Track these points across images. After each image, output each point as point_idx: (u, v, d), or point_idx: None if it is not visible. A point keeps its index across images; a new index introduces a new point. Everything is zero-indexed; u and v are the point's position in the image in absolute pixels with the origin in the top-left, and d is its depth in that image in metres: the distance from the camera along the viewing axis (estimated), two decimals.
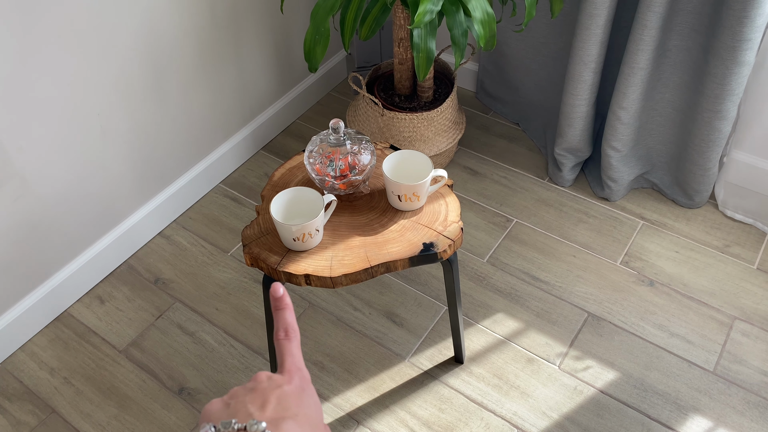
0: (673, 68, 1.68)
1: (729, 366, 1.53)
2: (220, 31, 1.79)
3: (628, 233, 1.83)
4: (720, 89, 1.60)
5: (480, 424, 1.45)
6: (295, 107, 2.20)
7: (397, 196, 1.23)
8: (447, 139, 1.90)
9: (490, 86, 2.21)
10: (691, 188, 1.83)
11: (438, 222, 1.24)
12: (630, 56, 1.63)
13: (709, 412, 1.46)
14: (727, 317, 1.63)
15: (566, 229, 1.85)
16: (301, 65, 2.16)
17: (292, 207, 1.21)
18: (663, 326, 1.61)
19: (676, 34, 1.62)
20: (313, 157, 1.22)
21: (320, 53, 1.58)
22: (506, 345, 1.59)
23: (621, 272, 1.74)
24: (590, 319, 1.64)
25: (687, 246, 1.79)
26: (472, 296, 1.70)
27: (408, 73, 1.86)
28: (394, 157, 1.28)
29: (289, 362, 0.50)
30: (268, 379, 0.48)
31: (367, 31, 1.61)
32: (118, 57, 1.54)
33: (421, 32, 1.52)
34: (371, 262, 1.17)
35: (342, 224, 1.25)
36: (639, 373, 1.53)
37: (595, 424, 1.44)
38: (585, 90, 1.75)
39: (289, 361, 0.50)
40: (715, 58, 1.57)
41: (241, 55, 1.90)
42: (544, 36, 1.94)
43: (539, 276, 1.74)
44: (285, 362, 0.50)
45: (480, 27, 1.51)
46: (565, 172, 1.94)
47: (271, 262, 1.17)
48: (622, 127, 1.77)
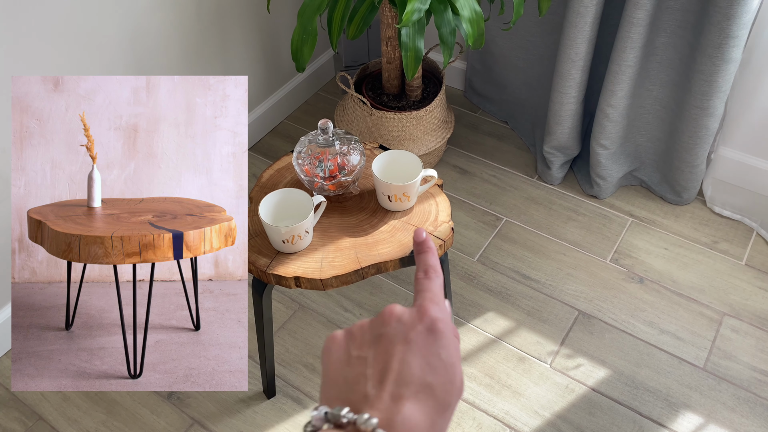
0: (661, 65, 1.69)
1: (719, 362, 1.54)
2: (206, 30, 1.77)
3: (618, 231, 1.83)
4: (707, 86, 1.61)
5: (472, 423, 1.45)
6: (282, 107, 2.19)
7: (387, 196, 1.22)
8: (436, 138, 1.89)
9: (479, 85, 2.20)
10: (680, 185, 1.84)
11: (428, 222, 1.23)
12: (618, 54, 1.63)
13: (699, 409, 1.46)
14: (717, 313, 1.63)
15: (556, 227, 1.85)
16: (289, 65, 2.15)
17: (281, 209, 1.20)
18: (653, 323, 1.62)
19: (663, 32, 1.62)
20: (302, 158, 1.21)
21: (308, 53, 1.57)
22: (497, 344, 1.59)
23: (611, 270, 1.74)
24: (581, 317, 1.64)
25: (676, 243, 1.80)
26: (463, 295, 1.69)
27: (396, 72, 1.85)
28: (384, 157, 1.27)
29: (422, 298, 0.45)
30: (398, 321, 0.43)
31: (355, 30, 1.60)
32: (102, 56, 1.52)
33: (409, 31, 1.51)
34: (362, 263, 1.16)
35: (332, 225, 1.24)
36: (630, 370, 1.53)
37: (587, 422, 1.45)
38: (573, 88, 1.75)
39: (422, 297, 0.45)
40: (702, 56, 1.57)
41: (228, 55, 1.88)
42: (532, 34, 1.94)
43: (529, 274, 1.73)
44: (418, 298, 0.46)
45: (468, 25, 1.50)
46: (554, 170, 1.94)
47: (261, 265, 1.16)
48: (610, 124, 1.77)
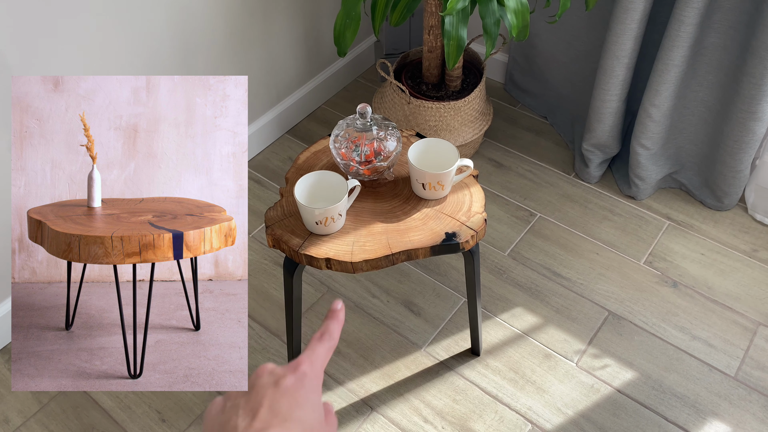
0: (709, 66, 1.65)
1: (751, 372, 1.51)
2: (251, 13, 1.78)
3: (654, 233, 1.80)
4: (756, 90, 1.56)
5: (494, 417, 1.45)
6: (321, 92, 2.20)
7: (422, 184, 1.22)
8: (473, 130, 1.88)
9: (520, 78, 2.18)
10: (721, 190, 1.79)
11: (461, 212, 1.23)
12: (665, 52, 1.60)
13: (728, 418, 1.43)
14: (752, 323, 1.60)
15: (590, 226, 1.83)
16: (330, 50, 2.15)
17: (315, 190, 1.20)
18: (685, 328, 1.59)
19: (713, 32, 1.58)
20: (339, 142, 1.22)
21: (350, 37, 1.57)
22: (524, 339, 1.58)
23: (644, 272, 1.71)
24: (610, 318, 1.62)
25: (713, 249, 1.76)
26: (492, 289, 1.68)
27: (437, 61, 1.84)
28: (420, 144, 1.27)
29: (303, 354, 0.49)
30: (269, 373, 0.48)
31: (398, 17, 1.60)
32: (150, 33, 1.55)
33: (453, 20, 1.50)
34: (392, 249, 1.16)
35: (365, 210, 1.24)
36: (658, 374, 1.51)
37: (611, 423, 1.43)
38: (616, 85, 1.72)
39: (304, 353, 0.49)
40: (753, 58, 1.53)
41: (270, 38, 1.89)
42: (577, 29, 1.91)
43: (561, 272, 1.72)
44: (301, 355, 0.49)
45: (513, 16, 1.49)
46: (592, 168, 1.91)
47: (293, 245, 1.17)
48: (652, 124, 1.74)
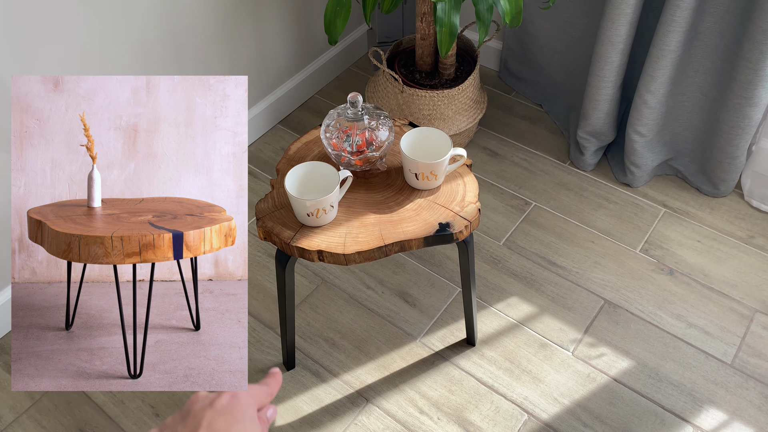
0: (705, 52, 1.63)
1: (747, 359, 1.50)
2: (240, 1, 1.76)
3: (650, 220, 1.79)
4: (753, 75, 1.55)
5: (490, 407, 1.44)
6: (313, 81, 2.17)
7: (414, 174, 1.21)
8: (467, 119, 1.86)
9: (514, 66, 2.16)
10: (717, 176, 1.78)
11: (455, 202, 1.22)
12: (660, 38, 1.58)
13: (725, 405, 1.43)
14: (748, 309, 1.59)
15: (586, 215, 1.81)
16: (321, 39, 2.13)
17: (307, 182, 1.19)
18: (681, 316, 1.58)
19: (709, 16, 1.56)
20: (330, 132, 1.20)
21: (341, 25, 1.55)
22: (519, 329, 1.57)
23: (640, 260, 1.70)
24: (606, 306, 1.61)
25: (709, 236, 1.75)
26: (487, 279, 1.67)
27: (430, 49, 1.82)
28: (413, 134, 1.25)
29: None
30: (204, 398, 0.51)
31: (390, 4, 1.57)
32: (136, 22, 1.52)
33: (445, 6, 1.48)
34: (385, 240, 1.15)
35: (357, 201, 1.22)
36: (654, 362, 1.50)
37: (607, 412, 1.42)
38: (611, 72, 1.71)
39: None
40: (749, 42, 1.51)
41: (260, 26, 1.87)
42: (571, 15, 1.89)
43: (556, 261, 1.71)
44: None
45: (506, 2, 1.46)
46: (587, 155, 1.89)
47: (285, 237, 1.16)
48: (648, 111, 1.72)
